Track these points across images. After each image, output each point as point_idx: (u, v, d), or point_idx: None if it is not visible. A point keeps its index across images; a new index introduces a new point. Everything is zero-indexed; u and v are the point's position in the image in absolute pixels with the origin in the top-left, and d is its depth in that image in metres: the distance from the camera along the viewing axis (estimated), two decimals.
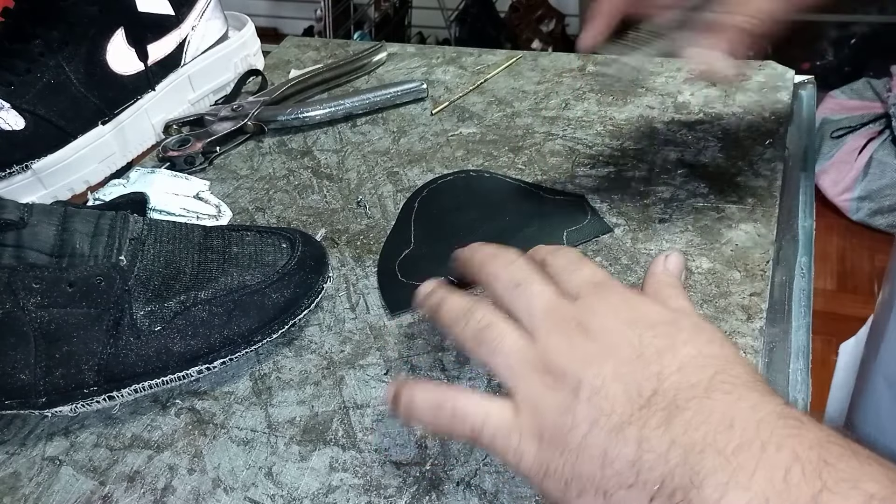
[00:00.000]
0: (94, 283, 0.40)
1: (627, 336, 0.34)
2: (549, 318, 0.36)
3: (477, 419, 0.35)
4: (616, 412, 0.32)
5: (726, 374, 0.32)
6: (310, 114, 0.66)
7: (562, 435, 0.33)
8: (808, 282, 0.49)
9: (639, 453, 0.31)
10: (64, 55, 0.58)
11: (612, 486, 0.31)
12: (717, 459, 0.29)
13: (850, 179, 1.86)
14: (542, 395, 0.34)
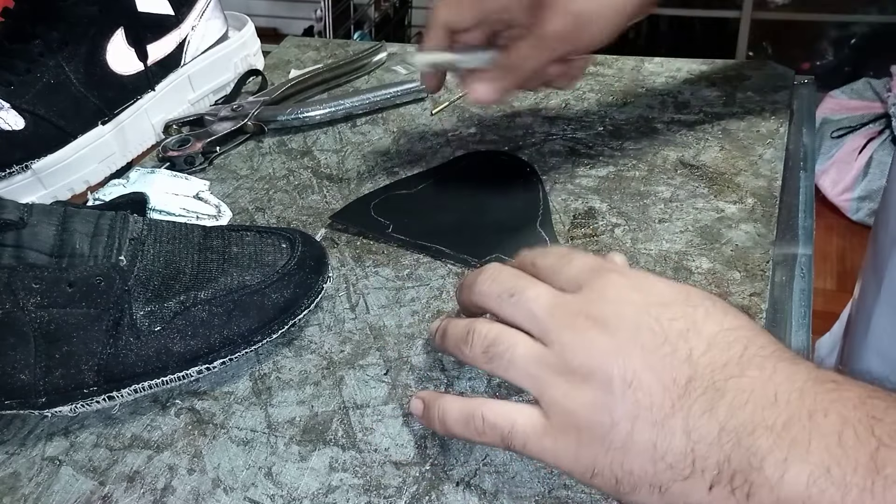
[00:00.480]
0: (94, 284, 0.40)
1: (645, 321, 0.33)
2: (555, 317, 0.35)
3: (505, 427, 0.34)
4: (656, 404, 0.32)
5: (754, 346, 0.32)
6: (310, 114, 0.66)
7: (603, 434, 0.32)
8: (808, 282, 0.49)
9: (689, 444, 0.31)
10: (64, 55, 0.58)
11: (666, 479, 0.31)
12: (770, 437, 0.29)
13: (850, 179, 1.86)
14: (571, 397, 0.33)
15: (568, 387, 0.33)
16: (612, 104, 0.65)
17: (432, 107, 0.68)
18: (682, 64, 0.70)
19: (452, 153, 0.61)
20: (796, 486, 0.28)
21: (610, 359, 0.33)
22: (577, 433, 0.33)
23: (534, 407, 0.34)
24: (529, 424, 0.34)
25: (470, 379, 0.42)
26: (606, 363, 0.33)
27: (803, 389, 0.30)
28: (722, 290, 0.45)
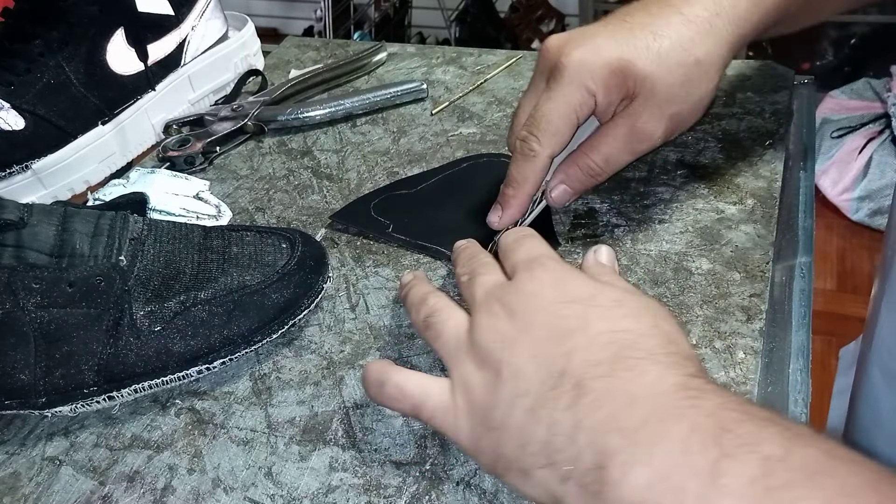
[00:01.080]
0: (94, 284, 0.40)
1: (543, 315, 0.35)
2: (483, 301, 0.38)
3: (416, 397, 0.37)
4: (531, 393, 0.33)
5: (633, 348, 0.33)
6: (310, 114, 0.66)
7: (488, 414, 0.34)
8: (808, 282, 0.49)
9: (549, 435, 0.32)
10: (64, 55, 0.58)
11: (529, 465, 0.32)
12: (621, 439, 0.30)
13: (850, 179, 1.86)
14: (471, 376, 0.36)
15: (471, 366, 0.36)
16: None
17: (432, 107, 0.68)
18: None
19: (452, 153, 0.61)
20: (635, 489, 0.29)
21: (504, 345, 0.35)
22: (471, 411, 0.35)
23: (446, 381, 0.37)
24: (439, 399, 0.36)
25: None
26: (501, 349, 0.35)
27: (664, 393, 0.31)
28: (722, 290, 0.45)
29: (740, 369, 0.41)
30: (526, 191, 0.48)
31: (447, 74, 0.72)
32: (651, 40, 0.45)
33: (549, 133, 0.46)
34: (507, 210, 0.48)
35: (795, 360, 0.43)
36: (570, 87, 0.45)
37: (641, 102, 0.46)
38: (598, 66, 0.45)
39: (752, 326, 0.43)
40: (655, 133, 0.47)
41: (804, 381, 0.43)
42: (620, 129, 0.47)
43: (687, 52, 0.45)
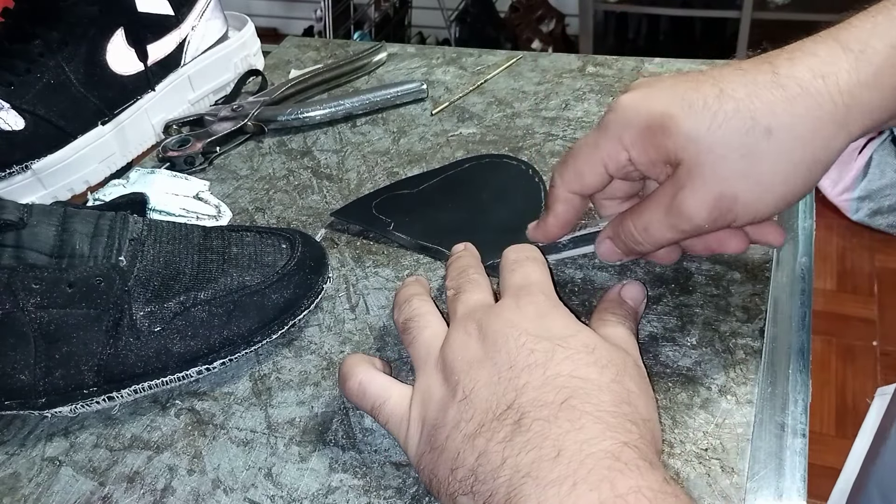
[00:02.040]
0: (94, 284, 0.40)
1: (510, 344, 0.35)
2: (461, 319, 0.38)
3: (378, 399, 0.37)
4: (475, 419, 0.33)
5: (583, 399, 0.32)
6: (310, 114, 0.66)
7: (433, 433, 0.34)
8: (808, 282, 0.49)
9: (476, 465, 0.32)
10: (64, 55, 0.58)
11: (455, 490, 0.32)
12: (534, 488, 0.30)
13: (850, 179, 1.86)
14: (432, 389, 0.36)
15: (434, 379, 0.36)
16: None
17: (432, 107, 0.68)
18: (682, 64, 0.70)
19: (452, 153, 0.61)
20: None
21: (469, 366, 0.35)
22: (422, 425, 0.35)
23: (408, 389, 0.37)
24: (397, 406, 0.37)
25: None
26: (463, 369, 0.35)
27: (591, 456, 0.30)
28: (722, 290, 0.45)
29: (740, 369, 0.41)
30: (551, 216, 0.44)
31: (447, 74, 0.72)
32: (713, 98, 0.36)
33: (570, 170, 0.42)
34: (538, 230, 0.46)
35: (795, 360, 0.43)
36: (604, 134, 0.40)
37: (686, 172, 0.37)
38: (638, 118, 0.38)
39: (752, 326, 0.43)
40: (696, 213, 0.38)
41: (804, 381, 0.43)
42: (662, 199, 0.39)
43: (754, 119, 0.35)
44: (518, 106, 0.66)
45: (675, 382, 0.40)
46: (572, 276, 0.48)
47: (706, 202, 0.37)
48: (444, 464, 0.33)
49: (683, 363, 0.41)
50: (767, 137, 0.35)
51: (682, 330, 0.43)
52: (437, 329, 0.38)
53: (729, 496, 0.35)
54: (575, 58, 0.73)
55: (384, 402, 0.37)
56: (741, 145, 0.36)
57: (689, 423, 0.38)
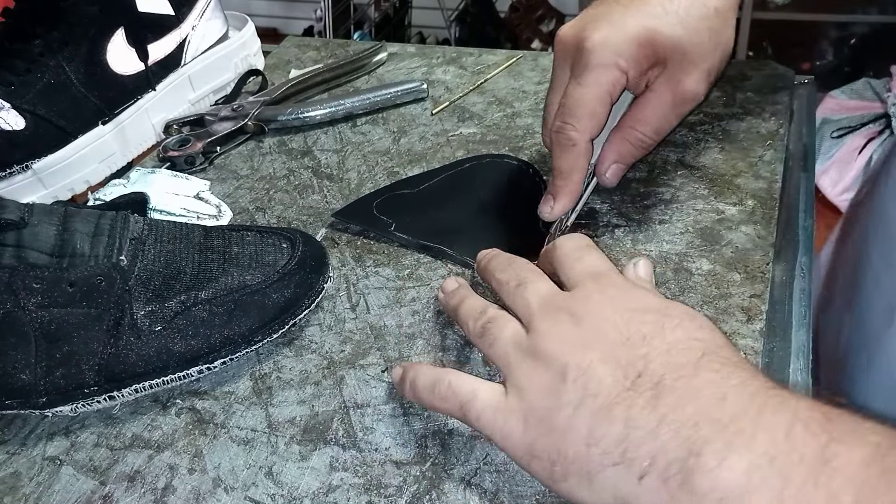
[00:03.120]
0: (95, 283, 0.40)
1: (616, 322, 0.35)
2: (542, 309, 0.38)
3: (466, 396, 0.36)
4: (602, 393, 0.33)
5: (714, 355, 0.33)
6: (310, 114, 0.66)
7: (548, 416, 0.34)
8: (808, 282, 0.49)
9: (626, 431, 0.31)
10: (64, 55, 0.58)
11: (595, 465, 0.32)
12: (713, 428, 0.30)
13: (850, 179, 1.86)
14: (529, 378, 0.35)
15: (530, 370, 0.35)
16: None
17: (432, 107, 0.68)
18: None
19: (453, 153, 0.61)
20: (735, 473, 0.28)
21: (571, 348, 0.35)
22: (525, 414, 0.34)
23: (497, 384, 0.36)
24: (489, 399, 0.36)
25: None
26: (567, 351, 0.35)
27: (756, 393, 0.31)
28: (722, 291, 0.45)
29: None
30: (575, 179, 0.48)
31: (447, 74, 0.73)
32: (667, 4, 0.45)
33: (584, 118, 0.46)
34: (560, 200, 0.49)
35: (795, 360, 0.44)
36: (599, 68, 0.45)
37: (677, 66, 0.46)
38: (625, 42, 0.45)
39: (753, 327, 0.43)
40: (699, 91, 0.47)
41: (804, 381, 0.43)
42: (665, 97, 0.47)
43: (704, 4, 0.46)
44: (518, 105, 0.66)
45: None
46: None
47: (701, 79, 0.47)
48: (573, 442, 0.33)
49: None
50: (717, 15, 0.46)
51: None
52: (517, 326, 0.38)
53: None
54: None
55: (473, 398, 0.36)
56: (706, 29, 0.46)
57: None
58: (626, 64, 0.45)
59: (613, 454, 0.31)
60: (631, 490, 0.31)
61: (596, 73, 0.45)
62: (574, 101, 0.46)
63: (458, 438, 0.39)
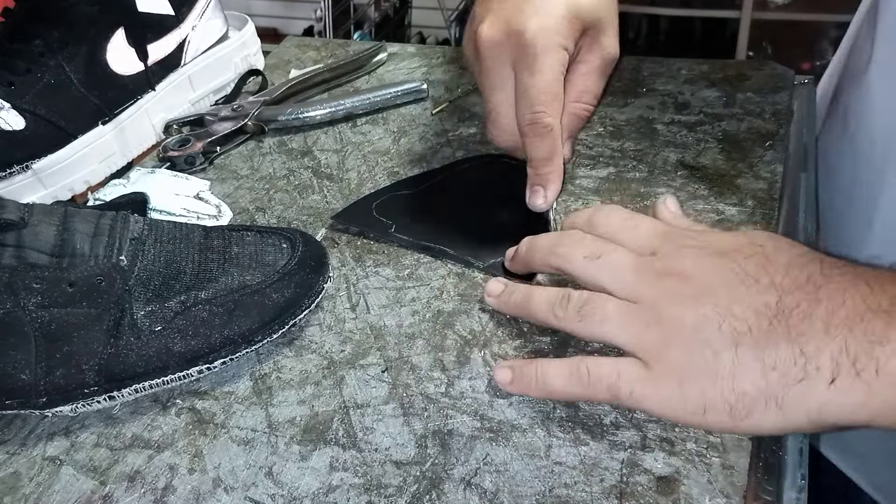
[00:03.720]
0: (95, 283, 0.40)
1: (723, 264, 0.37)
2: (641, 277, 0.38)
3: (611, 378, 0.37)
4: (753, 327, 0.34)
5: (828, 262, 0.36)
6: (310, 114, 0.66)
7: (707, 367, 0.35)
8: None
9: (797, 348, 0.33)
10: (64, 55, 0.58)
11: (780, 389, 0.33)
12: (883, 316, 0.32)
13: None
14: (666, 343, 0.36)
15: (664, 335, 0.36)
16: (613, 105, 0.65)
17: (432, 107, 0.68)
18: (682, 64, 0.70)
19: (453, 153, 0.61)
20: None
21: (699, 302, 0.36)
22: (680, 375, 0.35)
23: (631, 358, 0.37)
24: (634, 374, 0.37)
25: (470, 379, 0.42)
26: (697, 306, 0.36)
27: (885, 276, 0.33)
28: None
29: None
30: (557, 162, 0.50)
31: (447, 74, 0.72)
32: None
33: (552, 102, 0.48)
34: (551, 186, 0.50)
35: None
36: (548, 53, 0.47)
37: (598, 33, 0.50)
38: (557, 23, 0.48)
39: None
40: (618, 50, 0.52)
41: None
42: (595, 63, 0.51)
43: None
44: None
45: None
46: None
47: (616, 38, 0.52)
48: (748, 378, 0.34)
49: None
50: None
51: None
52: (614, 300, 0.39)
53: (730, 494, 0.35)
54: None
55: (618, 377, 0.37)
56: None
57: None
58: (566, 42, 0.48)
59: (795, 372, 0.33)
60: (824, 398, 0.32)
61: (546, 58, 0.47)
62: (537, 89, 0.48)
63: (458, 438, 0.39)
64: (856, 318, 0.32)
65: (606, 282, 0.39)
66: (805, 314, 0.33)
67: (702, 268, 0.37)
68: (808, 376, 0.32)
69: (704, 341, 0.35)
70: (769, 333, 0.34)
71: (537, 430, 0.39)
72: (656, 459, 0.37)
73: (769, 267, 0.36)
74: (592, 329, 0.39)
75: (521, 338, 0.44)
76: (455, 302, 0.47)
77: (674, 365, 0.36)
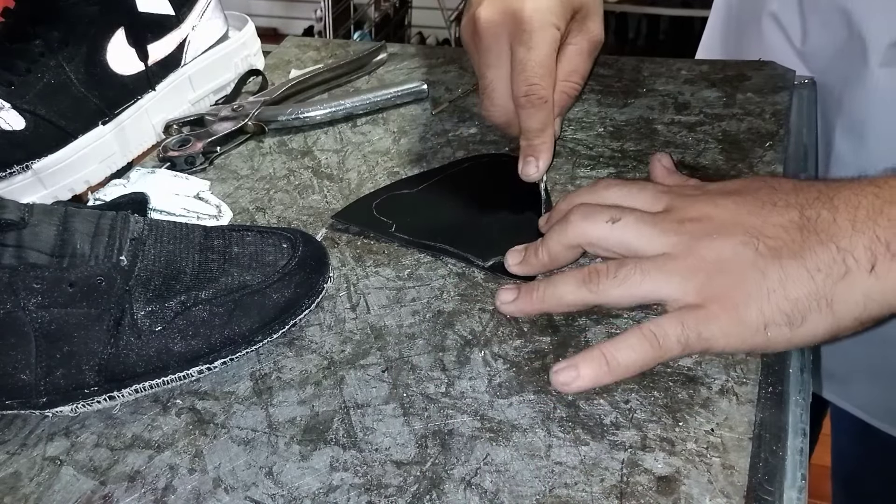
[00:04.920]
0: (95, 283, 0.40)
1: (737, 201, 0.40)
2: (666, 229, 0.41)
3: (677, 330, 0.39)
4: (787, 241, 0.38)
5: (827, 181, 0.40)
6: (310, 114, 0.66)
7: (758, 287, 0.38)
8: None
9: (832, 247, 0.37)
10: (64, 55, 0.58)
11: (828, 289, 0.37)
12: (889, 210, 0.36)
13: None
14: (712, 280, 0.39)
15: (707, 274, 0.39)
16: (613, 105, 0.65)
17: (433, 107, 0.68)
18: (682, 64, 0.70)
19: (453, 153, 0.61)
20: None
21: (730, 234, 0.39)
22: (735, 304, 0.38)
23: (682, 311, 0.39)
24: (693, 318, 0.39)
25: (471, 379, 0.42)
26: (729, 238, 0.39)
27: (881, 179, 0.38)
28: None
29: (740, 369, 0.41)
30: (549, 133, 0.52)
31: (447, 74, 0.73)
32: None
33: (547, 76, 0.50)
34: (542, 157, 0.52)
35: (796, 360, 0.43)
36: (543, 31, 0.50)
37: (585, 17, 0.53)
38: (552, 5, 0.50)
39: None
40: (602, 35, 0.54)
41: (805, 380, 0.43)
42: (583, 45, 0.54)
43: None
44: None
45: (676, 382, 0.40)
46: None
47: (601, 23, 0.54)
48: (797, 285, 0.37)
49: (684, 363, 0.41)
50: None
51: None
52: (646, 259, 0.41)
53: (730, 494, 0.35)
54: None
55: (682, 327, 0.39)
56: None
57: (690, 421, 0.38)
58: (559, 22, 0.50)
59: (837, 269, 0.36)
60: (867, 286, 0.36)
61: (541, 34, 0.50)
62: (533, 63, 0.50)
63: (458, 438, 0.39)
64: (875, 212, 0.36)
65: (633, 241, 0.41)
66: (829, 220, 0.37)
67: (719, 207, 0.40)
68: (850, 269, 0.36)
69: (748, 265, 0.38)
70: (804, 242, 0.37)
71: (537, 430, 0.39)
72: (656, 459, 0.37)
73: (779, 193, 0.40)
74: (633, 291, 0.41)
75: (521, 338, 0.44)
76: (455, 302, 0.47)
77: (727, 297, 0.38)
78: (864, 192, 0.38)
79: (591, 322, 0.44)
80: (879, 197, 0.37)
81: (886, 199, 0.37)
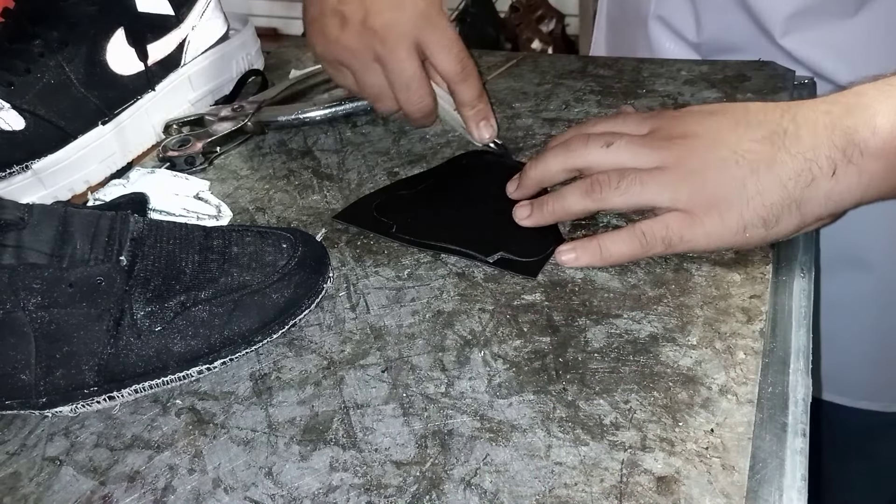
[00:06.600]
0: (95, 284, 0.40)
1: (717, 119, 0.46)
2: (656, 147, 0.46)
3: (663, 231, 0.45)
4: (761, 154, 0.43)
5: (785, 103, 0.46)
6: (310, 114, 0.66)
7: (738, 193, 0.43)
8: (808, 282, 0.49)
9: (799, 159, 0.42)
10: (64, 55, 0.58)
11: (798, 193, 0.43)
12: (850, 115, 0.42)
13: None
14: (699, 190, 0.44)
15: (695, 184, 0.44)
16: (613, 106, 0.65)
17: None
18: (682, 65, 0.70)
19: (453, 153, 0.61)
20: (887, 123, 0.41)
21: (714, 149, 0.44)
22: (718, 209, 0.44)
23: (674, 212, 0.45)
24: (679, 222, 0.45)
25: (470, 379, 0.42)
26: (714, 153, 0.44)
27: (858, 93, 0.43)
28: (722, 292, 0.45)
29: (740, 369, 0.41)
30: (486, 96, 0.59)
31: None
32: None
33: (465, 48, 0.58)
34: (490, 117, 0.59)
35: (795, 360, 0.44)
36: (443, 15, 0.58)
37: None
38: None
39: (753, 328, 0.43)
40: None
41: (804, 381, 0.43)
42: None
43: None
44: (518, 106, 0.66)
45: (676, 382, 0.40)
46: (572, 276, 0.48)
47: None
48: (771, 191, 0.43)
49: (684, 363, 0.41)
50: None
51: (683, 330, 0.43)
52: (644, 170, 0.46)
53: (730, 494, 0.35)
54: (575, 59, 0.73)
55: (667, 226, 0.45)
56: None
57: (689, 422, 0.38)
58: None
59: (805, 177, 0.42)
60: (828, 188, 0.42)
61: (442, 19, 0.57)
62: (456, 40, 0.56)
63: (458, 438, 0.39)
64: (830, 125, 0.42)
65: (628, 160, 0.46)
66: (795, 135, 0.43)
67: (702, 125, 0.46)
68: (815, 176, 0.42)
69: (730, 177, 0.43)
70: (775, 156, 0.43)
71: (537, 431, 0.39)
72: (656, 459, 0.37)
73: (750, 113, 0.45)
74: (633, 198, 0.46)
75: (521, 338, 0.44)
76: (455, 302, 0.47)
77: (711, 203, 0.44)
78: (818, 110, 0.44)
79: (591, 322, 0.44)
80: (831, 113, 0.43)
81: (836, 114, 0.43)
